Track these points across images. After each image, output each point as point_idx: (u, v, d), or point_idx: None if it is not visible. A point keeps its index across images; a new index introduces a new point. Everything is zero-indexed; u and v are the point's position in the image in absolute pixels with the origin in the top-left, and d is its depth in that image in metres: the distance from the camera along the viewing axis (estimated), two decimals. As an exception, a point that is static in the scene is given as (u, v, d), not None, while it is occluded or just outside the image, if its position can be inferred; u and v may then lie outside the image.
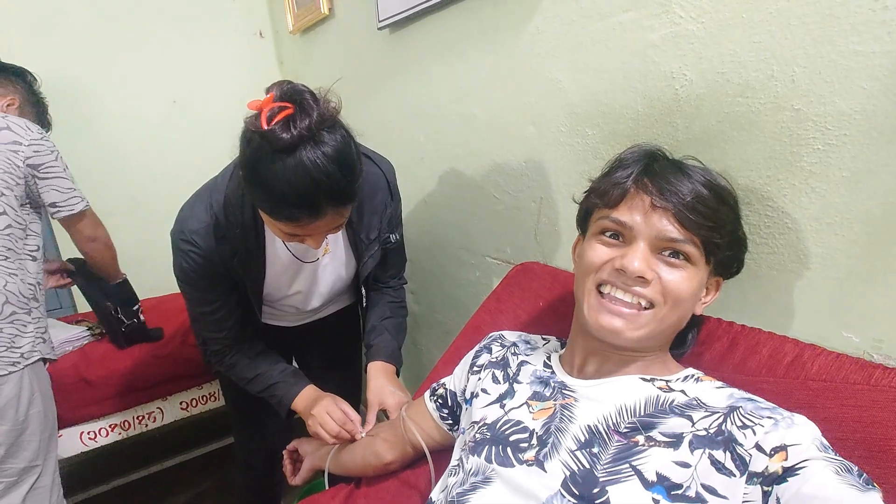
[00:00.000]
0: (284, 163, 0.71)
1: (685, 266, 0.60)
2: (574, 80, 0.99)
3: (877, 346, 0.65)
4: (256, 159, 0.74)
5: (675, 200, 0.59)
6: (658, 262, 0.60)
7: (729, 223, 0.62)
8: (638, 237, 0.60)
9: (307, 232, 0.82)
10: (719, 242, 0.61)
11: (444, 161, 1.42)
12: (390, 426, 0.93)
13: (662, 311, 0.60)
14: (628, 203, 0.62)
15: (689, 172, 0.62)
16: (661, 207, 0.59)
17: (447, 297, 1.55)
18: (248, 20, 2.30)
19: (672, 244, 0.59)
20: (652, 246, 0.60)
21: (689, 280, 0.60)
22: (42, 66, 1.86)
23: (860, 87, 0.62)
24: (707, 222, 0.59)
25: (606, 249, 0.63)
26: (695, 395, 0.60)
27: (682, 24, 0.79)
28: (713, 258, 0.62)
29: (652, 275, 0.59)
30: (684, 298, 0.61)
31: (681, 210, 0.58)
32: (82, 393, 1.45)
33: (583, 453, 0.58)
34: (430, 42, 1.36)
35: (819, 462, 0.46)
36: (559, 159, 1.06)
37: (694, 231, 0.59)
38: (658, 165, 0.63)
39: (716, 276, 0.66)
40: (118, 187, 2.07)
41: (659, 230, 0.59)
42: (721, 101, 0.76)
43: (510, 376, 0.75)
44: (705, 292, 0.66)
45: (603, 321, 0.61)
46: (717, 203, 0.61)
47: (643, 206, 0.60)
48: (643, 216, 0.60)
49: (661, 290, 0.60)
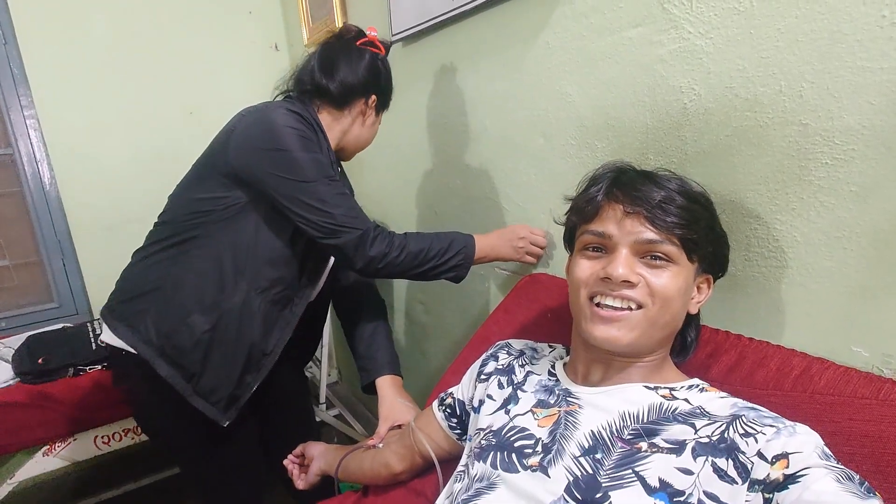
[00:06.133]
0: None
1: (667, 266, 0.62)
2: (583, 94, 1.00)
3: (886, 361, 0.65)
4: (386, 68, 1.12)
5: (645, 205, 0.62)
6: (641, 265, 0.62)
7: (703, 220, 0.64)
8: (619, 245, 0.63)
9: None
10: (696, 238, 0.62)
11: (455, 172, 1.43)
12: (400, 437, 0.94)
13: (652, 311, 0.62)
14: (602, 215, 0.65)
15: (656, 180, 0.65)
16: (632, 213, 0.62)
17: (456, 308, 1.55)
18: (263, 33, 2.35)
19: (651, 246, 0.62)
20: (633, 251, 0.63)
21: (674, 279, 0.62)
22: (61, 75, 1.93)
23: (868, 103, 0.62)
24: (679, 220, 0.61)
25: (591, 263, 0.66)
26: (698, 404, 0.60)
27: (690, 39, 0.80)
28: (695, 255, 0.64)
29: (637, 278, 0.61)
30: (671, 297, 0.62)
31: (651, 211, 0.61)
32: (95, 396, 1.47)
33: (586, 459, 0.59)
34: (442, 55, 1.39)
35: (820, 470, 0.46)
36: (568, 171, 1.07)
37: (668, 230, 0.61)
38: (626, 177, 0.66)
39: (705, 275, 0.68)
40: (136, 196, 2.11)
41: (635, 235, 0.62)
42: (730, 115, 0.77)
43: (514, 383, 0.75)
44: (696, 290, 0.67)
45: (598, 332, 0.63)
46: (688, 202, 0.63)
47: (616, 215, 0.64)
48: (617, 224, 0.63)
49: (648, 291, 0.62)
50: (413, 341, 1.86)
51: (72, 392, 1.45)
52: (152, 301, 1.03)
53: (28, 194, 1.97)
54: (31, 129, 1.94)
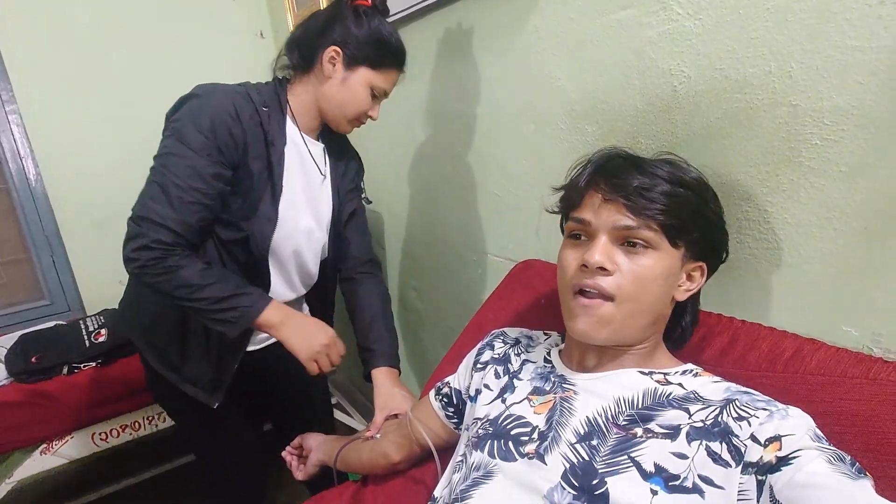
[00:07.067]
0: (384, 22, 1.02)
1: (645, 252, 0.62)
2: (572, 78, 0.99)
3: (876, 340, 0.66)
4: (368, 22, 1.00)
5: (623, 191, 0.62)
6: (618, 252, 0.63)
7: (689, 205, 0.63)
8: (598, 231, 0.63)
9: (388, 84, 1.05)
10: (676, 224, 0.62)
11: (446, 159, 1.42)
12: (397, 427, 0.94)
13: (625, 302, 0.62)
14: (585, 202, 0.66)
15: (642, 166, 0.64)
16: (611, 200, 0.63)
17: (451, 295, 1.56)
18: (248, 21, 2.30)
19: (627, 231, 0.62)
20: (612, 238, 0.63)
21: (652, 265, 0.62)
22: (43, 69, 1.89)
23: (857, 83, 0.62)
24: (657, 205, 0.61)
25: (573, 252, 0.66)
26: (692, 389, 0.61)
27: (679, 20, 0.79)
28: (680, 241, 0.63)
29: (612, 266, 0.62)
30: (647, 282, 0.62)
31: (629, 198, 0.61)
32: (91, 394, 1.47)
33: (582, 446, 0.59)
34: (428, 41, 1.37)
35: (812, 451, 0.47)
36: (560, 157, 1.06)
37: (646, 216, 0.61)
38: (611, 164, 0.66)
39: (696, 262, 0.66)
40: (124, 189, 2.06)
41: (612, 221, 0.62)
42: (719, 97, 0.76)
43: (510, 371, 0.76)
44: (687, 278, 0.66)
45: (577, 326, 0.64)
46: (672, 187, 0.63)
47: (595, 202, 0.64)
48: (595, 211, 0.64)
49: (623, 277, 0.62)
50: (408, 329, 1.86)
51: (67, 390, 1.44)
52: (133, 294, 1.08)
53: (13, 191, 1.94)
54: (14, 125, 1.90)
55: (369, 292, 1.21)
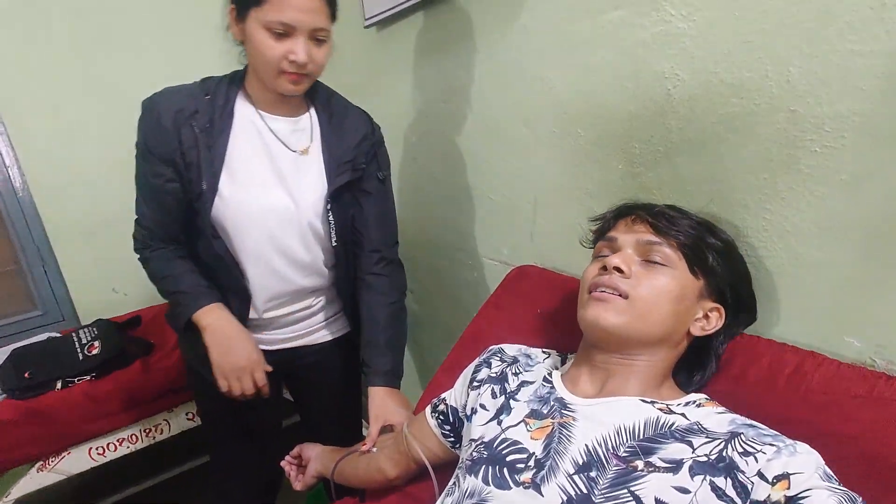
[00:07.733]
0: None
1: (662, 269, 0.66)
2: (564, 80, 0.97)
3: (879, 351, 0.64)
4: None
5: (650, 213, 0.70)
6: (638, 264, 0.67)
7: (712, 246, 0.68)
8: (623, 246, 0.70)
9: (280, 11, 0.88)
10: (695, 249, 0.66)
11: (437, 161, 1.39)
12: (394, 442, 0.93)
13: (638, 302, 0.64)
14: (616, 226, 0.73)
15: (679, 209, 0.72)
16: (639, 219, 0.70)
17: (448, 297, 1.54)
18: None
19: (649, 247, 0.67)
20: (635, 251, 0.68)
21: (667, 282, 0.65)
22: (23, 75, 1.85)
23: (858, 88, 0.60)
24: (681, 230, 0.67)
25: (596, 263, 0.71)
26: (696, 420, 0.59)
27: (672, 21, 0.76)
28: (699, 271, 0.66)
29: (629, 270, 0.66)
30: (658, 295, 0.64)
31: (655, 217, 0.69)
32: (86, 409, 1.45)
33: (580, 477, 0.57)
34: (417, 40, 1.33)
35: (822, 492, 0.46)
36: (552, 160, 1.04)
37: (668, 235, 0.67)
38: (649, 204, 0.74)
39: (715, 303, 0.68)
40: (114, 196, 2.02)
41: (636, 237, 0.69)
42: (715, 101, 0.74)
43: (507, 391, 0.74)
44: (703, 315, 0.67)
45: (589, 313, 0.67)
46: (699, 227, 0.69)
47: (624, 223, 0.72)
48: (624, 230, 0.71)
49: (638, 283, 0.65)
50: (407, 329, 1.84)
51: (62, 406, 1.42)
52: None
53: (0, 201, 1.91)
54: (-3, 134, 1.86)
55: (377, 302, 1.10)
